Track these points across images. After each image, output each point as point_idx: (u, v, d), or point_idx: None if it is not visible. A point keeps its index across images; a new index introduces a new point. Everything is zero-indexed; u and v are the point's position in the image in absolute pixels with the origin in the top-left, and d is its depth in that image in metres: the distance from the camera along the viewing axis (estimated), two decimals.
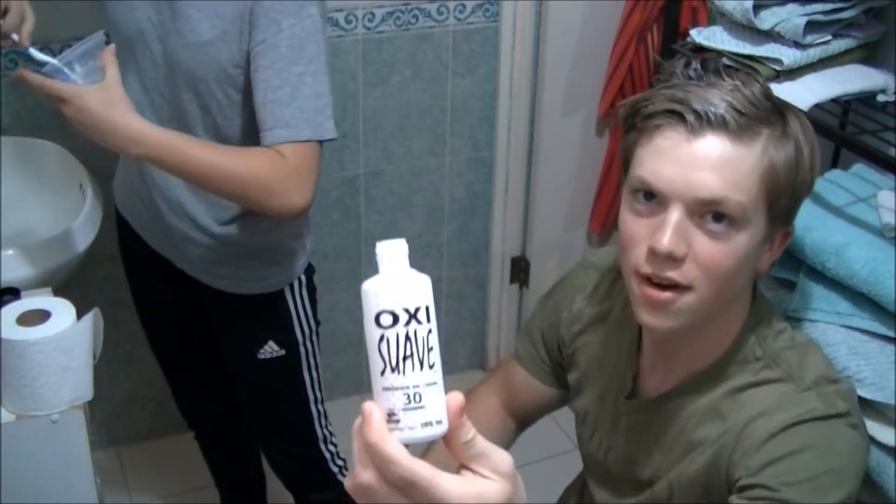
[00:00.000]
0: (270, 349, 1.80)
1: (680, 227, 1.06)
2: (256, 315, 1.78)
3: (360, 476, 0.66)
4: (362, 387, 2.78)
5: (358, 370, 2.78)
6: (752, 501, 1.06)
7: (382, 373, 0.68)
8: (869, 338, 1.26)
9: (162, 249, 1.79)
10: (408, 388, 0.67)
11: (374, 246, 0.70)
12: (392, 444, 0.65)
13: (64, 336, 1.31)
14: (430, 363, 0.68)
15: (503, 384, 1.46)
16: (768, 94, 1.08)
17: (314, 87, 1.49)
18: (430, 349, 0.68)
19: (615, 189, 2.62)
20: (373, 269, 0.71)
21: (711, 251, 1.06)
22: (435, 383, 0.68)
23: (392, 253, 0.70)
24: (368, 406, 0.67)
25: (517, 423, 1.45)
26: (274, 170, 1.48)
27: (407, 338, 0.68)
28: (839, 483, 1.06)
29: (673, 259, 1.06)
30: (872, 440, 1.23)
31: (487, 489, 0.66)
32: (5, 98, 2.13)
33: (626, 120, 1.13)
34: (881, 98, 1.54)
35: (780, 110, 1.09)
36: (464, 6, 2.45)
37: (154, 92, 1.62)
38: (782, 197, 1.07)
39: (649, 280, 1.09)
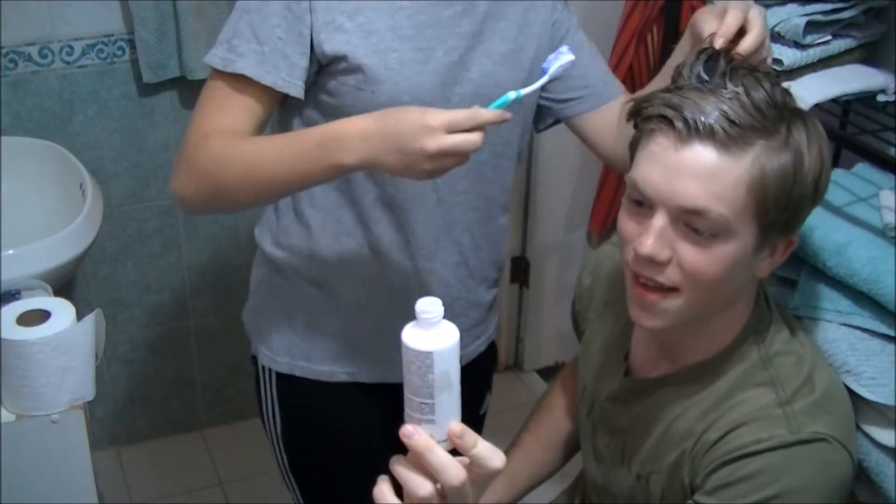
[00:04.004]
0: (486, 402, 1.69)
1: (663, 233, 1.07)
2: (481, 368, 1.63)
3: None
4: None
5: None
6: None
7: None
8: (869, 336, 1.26)
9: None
10: None
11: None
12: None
13: (64, 336, 1.31)
14: None
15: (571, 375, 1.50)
16: (774, 102, 1.06)
17: None
18: None
19: (615, 189, 2.61)
20: None
21: (694, 258, 1.07)
22: None
23: None
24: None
25: None
26: None
27: None
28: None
29: (655, 263, 1.08)
30: (872, 441, 1.23)
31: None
32: (5, 98, 2.13)
33: (630, 118, 1.14)
34: (881, 98, 1.54)
35: (788, 118, 1.07)
36: None
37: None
38: (774, 209, 1.07)
39: (639, 278, 1.11)
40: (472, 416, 1.60)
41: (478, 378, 1.63)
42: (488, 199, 1.45)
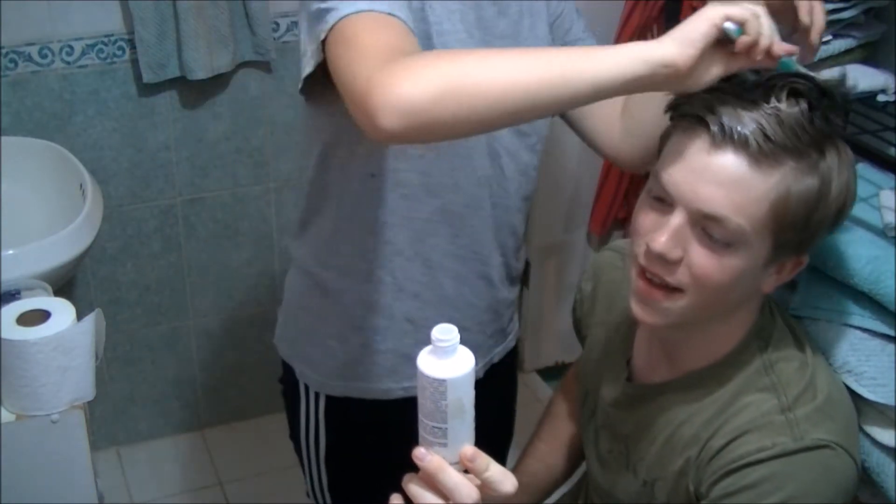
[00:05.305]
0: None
1: (679, 233, 1.07)
2: (511, 365, 1.64)
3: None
4: None
5: None
6: None
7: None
8: (870, 336, 1.26)
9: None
10: None
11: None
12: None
13: (64, 336, 1.31)
14: None
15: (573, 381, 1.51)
16: (811, 125, 1.04)
17: None
18: None
19: (615, 189, 2.61)
20: None
21: (704, 262, 1.07)
22: None
23: None
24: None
25: None
26: None
27: None
28: None
29: (665, 261, 1.08)
30: (872, 441, 1.23)
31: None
32: (5, 98, 2.13)
33: (667, 110, 1.12)
34: (881, 98, 1.54)
35: (821, 142, 1.06)
36: None
37: None
38: (792, 229, 1.07)
39: (645, 273, 1.11)
40: (508, 414, 1.66)
41: (512, 374, 1.66)
42: (528, 198, 1.45)
